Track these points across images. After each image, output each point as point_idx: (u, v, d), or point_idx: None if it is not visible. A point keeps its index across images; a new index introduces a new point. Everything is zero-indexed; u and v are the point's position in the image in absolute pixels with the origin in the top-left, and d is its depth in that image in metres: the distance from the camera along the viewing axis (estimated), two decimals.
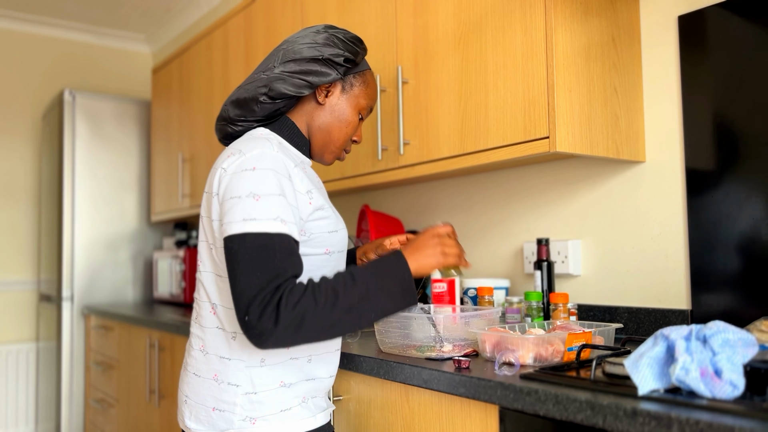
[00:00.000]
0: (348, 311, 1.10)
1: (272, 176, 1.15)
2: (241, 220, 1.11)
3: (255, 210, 1.11)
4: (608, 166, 1.74)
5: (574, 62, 1.50)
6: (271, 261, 1.09)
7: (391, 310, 1.15)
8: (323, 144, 1.35)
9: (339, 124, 1.34)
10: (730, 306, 1.46)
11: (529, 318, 1.67)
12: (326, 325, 1.09)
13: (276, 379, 1.20)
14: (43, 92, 4.18)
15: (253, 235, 1.10)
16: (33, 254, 4.08)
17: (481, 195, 2.10)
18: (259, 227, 1.10)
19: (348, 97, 1.34)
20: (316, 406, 1.27)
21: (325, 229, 1.24)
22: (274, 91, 1.28)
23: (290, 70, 1.28)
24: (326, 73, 1.29)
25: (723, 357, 0.87)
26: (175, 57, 3.38)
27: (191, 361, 1.27)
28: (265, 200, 1.12)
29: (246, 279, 1.08)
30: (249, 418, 1.18)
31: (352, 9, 2.07)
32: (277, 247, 1.10)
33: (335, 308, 1.09)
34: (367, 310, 1.12)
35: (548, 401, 1.00)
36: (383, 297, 1.13)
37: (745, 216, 1.44)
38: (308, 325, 1.07)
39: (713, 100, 1.50)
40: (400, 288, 1.15)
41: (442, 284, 1.77)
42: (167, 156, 3.45)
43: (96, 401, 3.31)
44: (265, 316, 1.05)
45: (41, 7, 3.99)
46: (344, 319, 1.10)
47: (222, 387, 1.20)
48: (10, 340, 3.96)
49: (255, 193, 1.13)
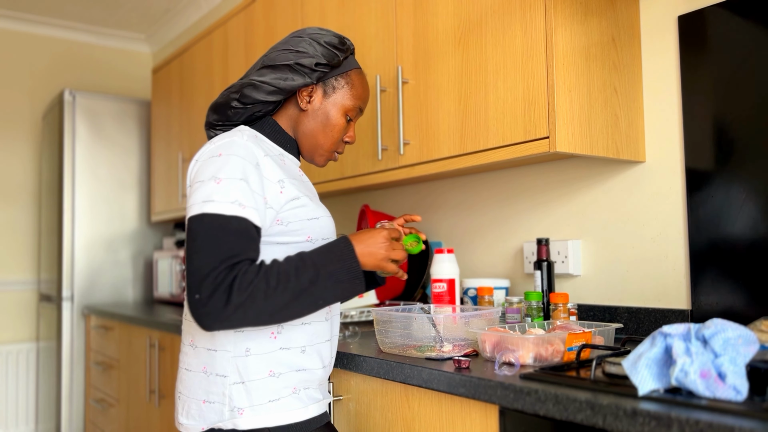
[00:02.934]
0: (298, 295, 1.12)
1: (236, 161, 1.17)
2: (201, 202, 1.14)
3: (214, 192, 1.14)
4: (608, 166, 1.74)
5: (574, 62, 1.50)
6: (226, 242, 1.10)
7: (338, 297, 1.17)
8: (311, 148, 1.37)
9: (324, 129, 1.35)
10: (730, 306, 1.46)
11: (529, 318, 1.67)
12: (276, 308, 1.10)
13: (265, 369, 1.20)
14: (43, 92, 4.18)
15: (210, 215, 1.12)
16: (33, 254, 4.08)
17: (481, 195, 2.10)
18: (217, 209, 1.12)
19: (331, 100, 1.34)
20: (309, 398, 1.26)
21: (303, 216, 1.25)
22: (245, 97, 1.31)
23: (260, 78, 1.31)
24: (294, 78, 1.30)
25: (726, 359, 0.87)
26: (175, 57, 3.38)
27: (182, 357, 1.29)
28: (226, 183, 1.14)
29: (200, 258, 1.09)
30: (237, 408, 1.19)
31: (352, 9, 2.07)
32: (233, 229, 1.12)
33: (286, 291, 1.11)
34: (316, 295, 1.14)
35: (548, 401, 1.00)
36: (332, 284, 1.15)
37: (745, 216, 1.44)
38: (258, 308, 1.09)
39: (713, 100, 1.50)
40: (348, 276, 1.17)
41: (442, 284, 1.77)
42: (167, 156, 3.45)
43: (96, 401, 3.31)
44: (216, 295, 1.07)
45: (41, 7, 3.99)
46: (293, 304, 1.12)
47: (211, 379, 1.21)
48: (10, 340, 3.96)
49: (216, 176, 1.15)
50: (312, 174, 2.27)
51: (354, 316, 1.93)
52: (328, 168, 2.18)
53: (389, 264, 1.24)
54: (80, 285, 3.55)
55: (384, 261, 1.23)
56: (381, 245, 1.23)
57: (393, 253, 1.24)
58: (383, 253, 1.23)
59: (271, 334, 1.22)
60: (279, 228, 1.22)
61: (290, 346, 1.23)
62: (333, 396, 1.54)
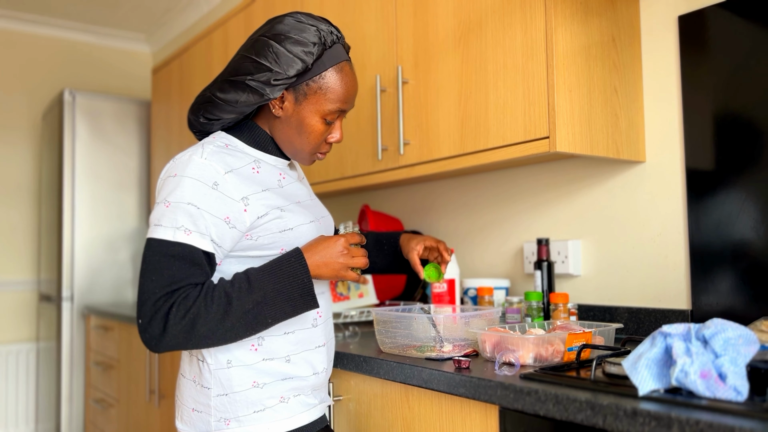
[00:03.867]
0: (242, 317, 1.12)
1: (188, 183, 1.14)
2: (153, 225, 1.15)
3: (162, 217, 1.14)
4: (608, 166, 1.74)
5: (574, 62, 1.50)
6: (167, 269, 1.11)
7: (290, 313, 1.17)
8: (291, 151, 1.29)
9: (299, 134, 1.25)
10: (730, 306, 1.46)
11: (529, 318, 1.67)
12: (219, 330, 1.11)
13: (248, 381, 1.20)
14: (43, 92, 4.18)
15: (155, 241, 1.13)
16: (33, 254, 4.08)
17: (481, 195, 2.10)
18: (162, 234, 1.13)
19: (304, 106, 1.22)
20: (301, 404, 1.25)
21: (275, 229, 1.20)
22: (210, 113, 1.26)
23: (221, 94, 1.23)
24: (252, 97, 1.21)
25: (726, 360, 0.87)
26: (175, 57, 3.38)
27: (181, 363, 1.30)
28: (174, 208, 1.13)
29: (143, 283, 1.12)
30: (223, 419, 1.19)
31: (352, 9, 2.07)
32: (176, 255, 1.12)
33: (227, 315, 1.11)
34: (264, 314, 1.14)
35: (548, 401, 1.00)
36: (281, 301, 1.15)
37: (745, 216, 1.44)
38: (199, 332, 1.10)
39: (713, 100, 1.50)
40: (299, 292, 1.16)
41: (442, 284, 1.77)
42: (167, 156, 3.45)
43: (96, 401, 3.31)
44: (155, 322, 1.10)
45: (41, 7, 3.99)
46: (238, 325, 1.12)
47: (198, 389, 1.22)
48: (10, 340, 3.96)
49: (167, 199, 1.14)
50: (312, 174, 2.26)
51: (354, 316, 1.93)
52: (328, 168, 2.18)
53: (348, 272, 1.22)
54: (80, 285, 3.55)
55: (342, 270, 1.22)
56: (338, 254, 1.21)
57: (352, 261, 1.22)
58: (340, 262, 1.21)
59: (251, 346, 1.21)
60: (248, 243, 1.19)
61: (273, 357, 1.22)
62: (333, 396, 1.54)
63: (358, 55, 2.04)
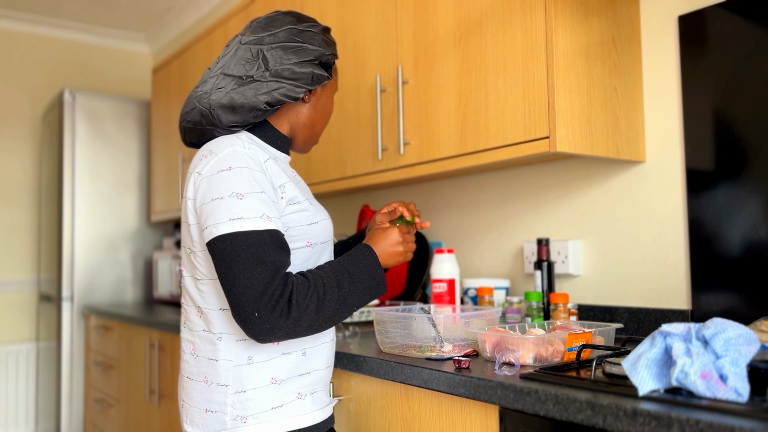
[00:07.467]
0: (341, 304, 1.17)
1: (248, 174, 1.16)
2: (228, 220, 1.12)
3: (240, 209, 1.12)
4: (608, 166, 1.74)
5: (574, 62, 1.50)
6: (268, 257, 1.11)
7: (367, 301, 1.24)
8: (308, 137, 1.39)
9: (322, 117, 1.38)
10: (730, 306, 1.46)
11: (529, 318, 1.67)
12: (326, 317, 1.15)
13: (266, 377, 1.20)
14: (43, 92, 4.18)
15: (244, 233, 1.11)
16: (33, 254, 4.08)
17: (481, 195, 2.10)
18: (249, 225, 1.11)
19: (326, 88, 1.38)
20: (315, 402, 1.25)
21: (303, 221, 1.24)
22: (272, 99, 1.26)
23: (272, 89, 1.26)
24: (296, 91, 1.27)
25: (727, 361, 0.87)
26: (175, 57, 3.38)
27: (184, 365, 1.28)
28: (249, 199, 1.13)
29: (247, 276, 1.09)
30: (240, 417, 1.18)
31: (352, 9, 2.07)
32: (270, 243, 1.12)
33: (332, 301, 1.16)
34: (353, 302, 1.20)
35: (548, 401, 1.00)
36: (362, 290, 1.21)
37: (745, 216, 1.44)
38: (315, 318, 1.13)
39: (713, 100, 1.50)
40: (374, 282, 1.24)
41: (442, 284, 1.77)
42: (167, 156, 3.45)
43: (96, 401, 3.31)
44: (277, 310, 1.09)
45: (41, 7, 3.99)
46: (338, 312, 1.17)
47: (212, 388, 1.20)
48: (10, 340, 3.96)
49: (237, 192, 1.13)
50: (312, 174, 2.26)
51: (354, 316, 1.93)
52: (328, 168, 2.18)
53: (408, 256, 1.35)
54: (80, 285, 3.55)
55: (403, 256, 1.33)
56: (399, 244, 1.32)
57: (408, 246, 1.34)
58: (401, 250, 1.32)
59: None
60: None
61: (292, 350, 1.23)
62: (333, 396, 1.54)
63: (358, 55, 2.04)
